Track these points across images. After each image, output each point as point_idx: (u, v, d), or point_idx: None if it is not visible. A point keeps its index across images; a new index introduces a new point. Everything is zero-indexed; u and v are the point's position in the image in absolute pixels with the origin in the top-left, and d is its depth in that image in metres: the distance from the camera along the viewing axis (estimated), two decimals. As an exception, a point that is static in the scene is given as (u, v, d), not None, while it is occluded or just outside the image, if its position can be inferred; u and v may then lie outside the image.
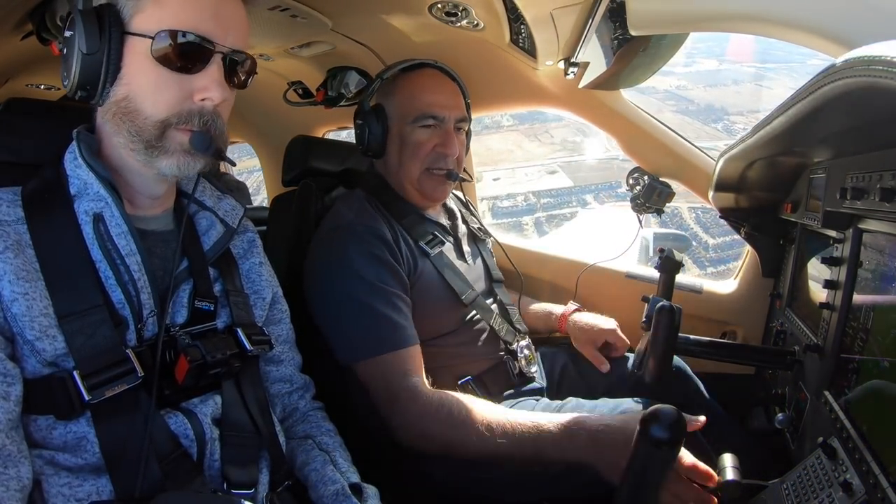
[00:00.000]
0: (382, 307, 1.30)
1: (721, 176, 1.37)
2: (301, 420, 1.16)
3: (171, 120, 0.85)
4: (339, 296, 1.32)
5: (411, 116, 1.48)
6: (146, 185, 0.94)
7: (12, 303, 0.77)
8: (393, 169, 1.53)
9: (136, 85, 0.84)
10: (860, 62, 0.58)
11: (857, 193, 0.88)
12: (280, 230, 1.72)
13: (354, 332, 1.30)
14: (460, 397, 1.24)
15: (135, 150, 0.86)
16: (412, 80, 1.53)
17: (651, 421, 0.80)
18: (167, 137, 0.86)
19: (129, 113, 0.84)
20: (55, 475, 0.80)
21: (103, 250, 0.85)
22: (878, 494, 0.71)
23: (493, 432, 1.18)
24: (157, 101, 0.84)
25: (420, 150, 1.48)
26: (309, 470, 1.04)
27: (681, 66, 17.11)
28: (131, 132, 0.85)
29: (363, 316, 1.29)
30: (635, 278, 1.98)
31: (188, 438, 0.88)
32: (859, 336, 0.93)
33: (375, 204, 1.48)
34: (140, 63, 0.83)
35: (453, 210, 1.69)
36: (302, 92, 2.29)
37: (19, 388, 0.77)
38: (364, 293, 1.30)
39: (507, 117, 20.34)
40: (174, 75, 0.84)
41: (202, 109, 0.86)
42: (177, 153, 0.87)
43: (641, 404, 1.35)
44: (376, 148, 1.51)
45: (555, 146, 19.42)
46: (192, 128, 0.86)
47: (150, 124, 0.84)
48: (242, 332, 0.98)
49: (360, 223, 1.38)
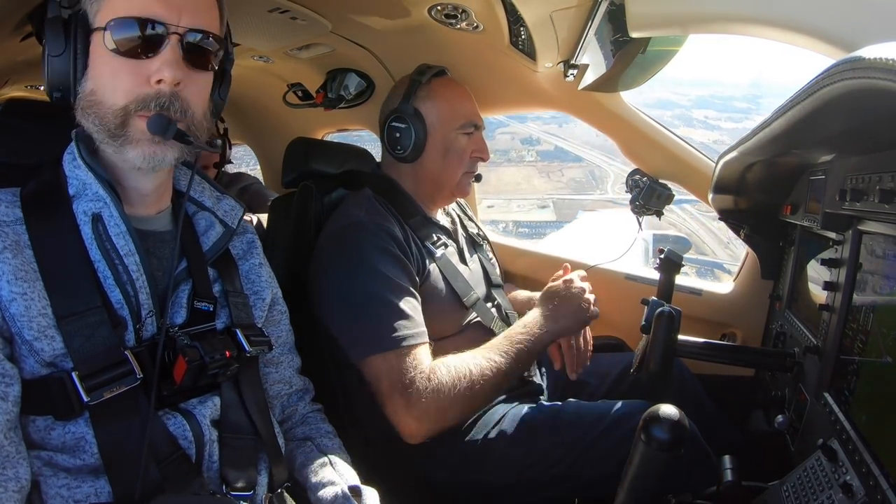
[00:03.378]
0: (400, 302, 1.30)
1: (720, 178, 1.37)
2: (300, 422, 1.15)
3: (129, 106, 0.84)
4: (356, 291, 1.31)
5: (457, 123, 1.53)
6: (132, 180, 0.93)
7: (10, 303, 0.77)
8: (430, 173, 1.55)
9: (97, 77, 0.86)
10: (859, 64, 0.58)
11: (857, 195, 0.88)
12: (279, 232, 1.72)
13: (371, 326, 1.28)
14: (453, 364, 1.28)
15: (104, 142, 0.87)
16: (446, 87, 1.57)
17: (653, 422, 0.79)
18: (129, 125, 0.85)
19: (94, 105, 0.85)
20: (54, 476, 0.80)
21: (102, 250, 0.85)
22: (878, 496, 0.71)
23: (497, 371, 1.30)
24: (116, 88, 0.84)
25: (464, 156, 1.55)
26: (308, 472, 1.04)
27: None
28: (96, 123, 0.85)
29: (381, 310, 1.28)
30: (635, 280, 1.98)
31: (187, 440, 0.88)
32: (859, 337, 0.93)
33: (384, 203, 1.48)
34: (101, 56, 0.85)
35: (452, 214, 1.70)
36: (301, 94, 2.29)
37: (17, 389, 0.77)
38: (382, 287, 1.30)
39: (531, 153, 20.72)
40: (129, 62, 0.84)
41: (158, 92, 0.84)
42: (142, 142, 0.86)
43: (641, 406, 1.35)
44: (415, 152, 1.52)
45: (560, 184, 19.85)
46: (150, 112, 0.85)
47: (110, 113, 0.84)
48: (241, 333, 0.98)
49: (372, 221, 1.39)
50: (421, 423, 1.24)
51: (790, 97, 0.80)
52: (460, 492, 1.36)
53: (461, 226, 1.71)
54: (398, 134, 1.52)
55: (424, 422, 1.24)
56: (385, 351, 1.25)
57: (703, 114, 17.08)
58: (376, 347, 1.26)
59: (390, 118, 1.53)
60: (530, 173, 20.60)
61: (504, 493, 1.34)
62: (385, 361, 1.26)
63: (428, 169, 1.54)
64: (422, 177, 1.56)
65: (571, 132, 20.32)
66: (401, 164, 1.56)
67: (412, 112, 1.51)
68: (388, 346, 1.25)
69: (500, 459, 1.34)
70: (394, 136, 1.53)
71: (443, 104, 1.53)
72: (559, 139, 20.56)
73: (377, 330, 1.26)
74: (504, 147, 20.71)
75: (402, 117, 1.51)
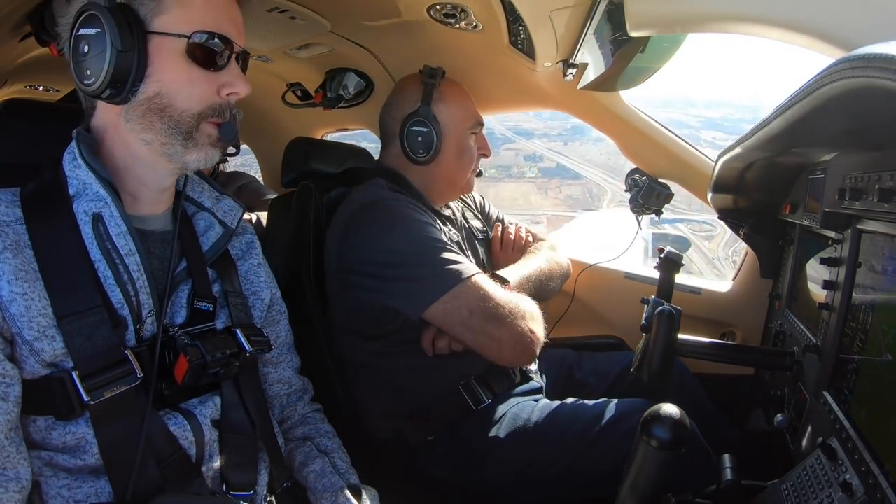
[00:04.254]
0: (450, 244, 1.37)
1: (719, 177, 1.37)
2: (300, 422, 1.15)
3: (205, 113, 0.90)
4: (413, 241, 1.34)
5: (470, 123, 1.58)
6: (157, 178, 0.95)
7: (11, 303, 0.77)
8: (445, 173, 1.58)
9: (167, 81, 0.87)
10: (859, 63, 0.58)
11: (856, 194, 0.88)
12: (279, 232, 1.72)
13: (433, 270, 1.31)
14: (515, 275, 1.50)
15: (168, 144, 0.89)
16: (453, 89, 1.60)
17: (653, 421, 0.79)
18: (199, 130, 0.90)
19: (164, 108, 0.87)
20: (54, 476, 0.80)
21: (102, 250, 0.85)
22: (878, 494, 0.71)
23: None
24: (191, 95, 0.88)
25: (475, 155, 1.61)
26: (308, 472, 1.04)
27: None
28: (169, 126, 0.88)
29: (440, 252, 1.33)
30: (634, 279, 1.98)
31: (187, 440, 0.88)
32: (858, 336, 0.93)
33: (399, 190, 1.51)
34: (171, 61, 0.86)
35: (453, 206, 1.73)
36: (300, 94, 2.28)
37: (18, 389, 0.77)
38: (432, 235, 1.36)
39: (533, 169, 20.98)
40: (203, 72, 0.88)
41: (228, 103, 0.92)
42: (205, 146, 0.92)
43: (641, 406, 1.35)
44: (434, 154, 1.53)
45: (557, 201, 20.05)
46: (222, 120, 0.91)
47: (186, 117, 0.88)
48: (241, 333, 0.98)
49: (392, 196, 1.44)
50: (511, 339, 1.31)
51: (789, 96, 0.80)
52: (460, 491, 1.36)
53: (462, 217, 1.74)
54: (420, 138, 1.52)
55: (512, 336, 1.31)
56: (455, 286, 1.29)
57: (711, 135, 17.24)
58: (445, 286, 1.29)
59: (409, 122, 1.52)
60: (529, 189, 20.75)
61: (504, 491, 1.34)
62: (455, 297, 1.29)
63: (443, 170, 1.57)
64: (435, 177, 1.58)
65: (576, 150, 20.54)
66: (412, 165, 1.56)
67: (433, 116, 1.53)
68: (456, 280, 1.29)
69: (500, 458, 1.34)
70: (415, 140, 1.53)
71: (455, 106, 1.56)
72: (562, 156, 20.77)
73: (441, 271, 1.30)
74: (507, 163, 20.81)
75: (422, 121, 1.52)
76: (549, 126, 21.59)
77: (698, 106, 23.20)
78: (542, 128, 21.95)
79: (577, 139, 20.61)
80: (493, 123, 25.01)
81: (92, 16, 0.83)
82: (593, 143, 19.65)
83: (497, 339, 1.30)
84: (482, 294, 1.30)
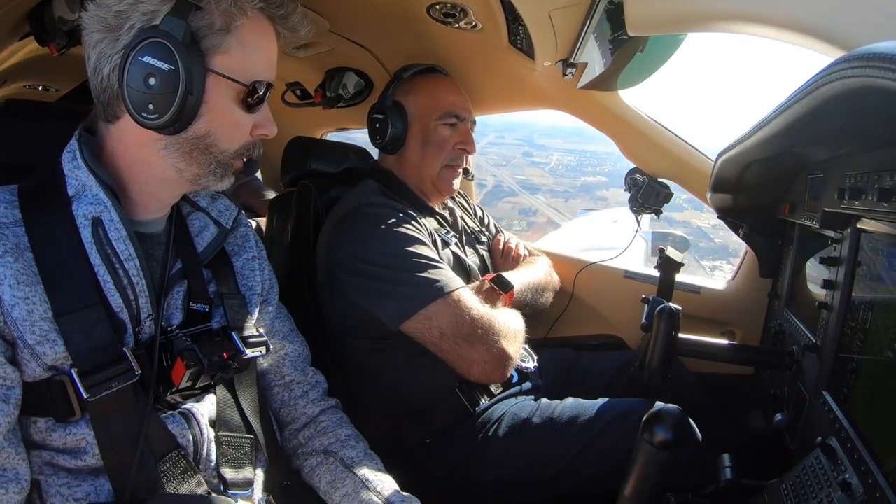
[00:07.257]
0: (430, 255, 1.36)
1: (719, 177, 1.36)
2: (317, 432, 1.12)
3: (240, 151, 0.92)
4: (391, 254, 1.35)
5: (436, 114, 1.56)
6: (172, 195, 0.96)
7: (13, 307, 0.77)
8: (411, 163, 1.59)
9: (217, 123, 0.87)
10: (858, 62, 0.58)
11: (855, 193, 0.88)
12: (278, 231, 1.72)
13: (405, 288, 1.32)
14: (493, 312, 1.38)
15: (202, 176, 0.91)
16: (432, 81, 1.61)
17: (654, 421, 0.79)
18: (230, 165, 0.93)
19: (209, 147, 0.88)
20: (54, 475, 0.80)
21: (101, 254, 0.84)
22: (877, 494, 0.71)
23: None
24: (234, 137, 0.90)
25: (444, 147, 1.58)
26: (341, 496, 1.01)
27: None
28: (209, 161, 0.89)
29: (423, 264, 1.33)
30: (634, 278, 1.98)
31: (185, 438, 0.88)
32: (858, 336, 0.93)
33: (389, 194, 1.52)
34: (225, 103, 0.87)
35: (452, 208, 1.72)
36: (300, 93, 2.28)
37: (18, 392, 0.78)
38: (417, 245, 1.36)
39: (523, 223, 21.73)
40: (245, 115, 0.90)
41: (256, 142, 0.94)
42: (231, 177, 0.95)
43: (640, 405, 1.35)
44: (395, 143, 1.57)
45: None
46: (249, 156, 0.95)
47: (227, 156, 0.91)
48: (237, 336, 0.97)
49: (380, 201, 1.45)
50: (489, 357, 1.31)
51: (789, 95, 0.80)
52: (460, 490, 1.36)
53: (461, 219, 1.74)
54: (377, 125, 1.59)
55: (491, 354, 1.31)
56: (434, 300, 1.30)
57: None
58: (424, 300, 1.30)
59: (371, 111, 1.61)
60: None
61: (504, 491, 1.34)
62: (435, 310, 1.30)
63: (409, 159, 1.59)
64: (406, 167, 1.61)
65: (576, 206, 20.87)
66: (388, 157, 1.61)
67: (390, 104, 1.58)
68: (436, 296, 1.30)
69: (500, 457, 1.34)
70: (373, 128, 1.60)
71: (423, 96, 1.58)
72: (555, 212, 21.13)
73: (422, 283, 1.31)
74: (501, 215, 21.06)
75: (380, 109, 1.59)
76: (558, 182, 21.93)
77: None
78: (550, 184, 22.26)
79: (580, 196, 20.94)
80: (504, 176, 24.67)
81: (164, 47, 0.78)
82: (594, 201, 19.93)
83: (467, 360, 1.32)
84: (455, 314, 1.30)
